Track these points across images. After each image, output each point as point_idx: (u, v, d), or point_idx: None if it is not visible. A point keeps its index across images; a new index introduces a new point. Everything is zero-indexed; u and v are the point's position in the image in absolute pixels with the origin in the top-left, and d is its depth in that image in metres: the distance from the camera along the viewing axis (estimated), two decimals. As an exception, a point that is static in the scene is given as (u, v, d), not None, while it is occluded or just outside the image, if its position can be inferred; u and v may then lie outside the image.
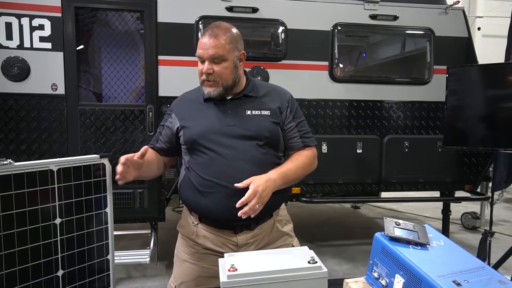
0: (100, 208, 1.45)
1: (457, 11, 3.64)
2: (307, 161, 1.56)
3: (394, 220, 1.15)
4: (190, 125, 1.50)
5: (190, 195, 1.51)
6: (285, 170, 1.48)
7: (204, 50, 1.45)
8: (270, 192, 1.38)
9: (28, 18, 2.94)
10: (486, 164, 3.69)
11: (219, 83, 1.47)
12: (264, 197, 1.35)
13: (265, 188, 1.35)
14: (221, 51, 1.44)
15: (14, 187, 1.20)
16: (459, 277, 0.96)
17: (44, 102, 3.01)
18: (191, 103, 1.57)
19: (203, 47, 1.45)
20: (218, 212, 1.44)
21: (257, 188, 1.33)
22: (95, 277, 1.42)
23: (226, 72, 1.47)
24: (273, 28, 3.44)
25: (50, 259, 1.29)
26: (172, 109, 1.60)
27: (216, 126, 1.47)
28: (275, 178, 1.41)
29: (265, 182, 1.37)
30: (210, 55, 1.44)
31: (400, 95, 3.58)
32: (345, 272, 3.54)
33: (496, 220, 4.93)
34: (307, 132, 1.61)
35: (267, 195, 1.36)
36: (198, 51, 1.47)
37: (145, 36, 3.17)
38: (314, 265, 1.12)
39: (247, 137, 1.46)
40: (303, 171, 1.55)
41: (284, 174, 1.46)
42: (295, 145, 1.58)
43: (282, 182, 1.44)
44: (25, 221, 1.23)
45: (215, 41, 1.44)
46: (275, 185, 1.41)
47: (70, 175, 1.34)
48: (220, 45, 1.44)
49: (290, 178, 1.49)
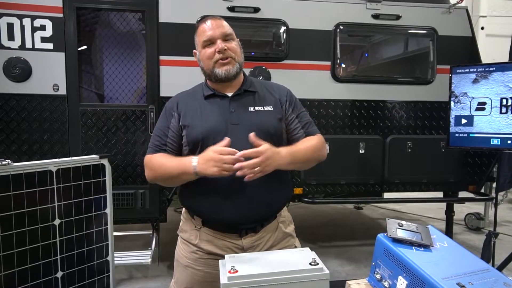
0: (99, 209, 1.44)
1: (460, 10, 3.61)
2: (316, 145, 1.50)
3: (397, 221, 1.13)
4: (193, 125, 1.45)
5: (192, 199, 1.47)
6: (294, 149, 1.43)
7: (213, 30, 1.45)
8: (274, 164, 1.32)
9: (29, 18, 2.94)
10: (490, 164, 3.66)
11: (234, 60, 1.46)
12: (267, 165, 1.29)
13: (272, 155, 1.30)
14: (229, 30, 1.48)
15: (12, 187, 1.19)
16: (463, 279, 0.95)
17: (45, 103, 3.01)
18: (192, 101, 1.52)
19: (210, 28, 1.45)
20: (223, 216, 1.41)
21: (265, 150, 1.28)
22: (95, 278, 1.41)
23: (238, 50, 1.49)
24: (275, 28, 3.43)
25: (49, 261, 1.28)
26: (172, 109, 1.52)
27: (220, 125, 1.43)
28: (283, 153, 1.36)
29: (274, 152, 1.32)
30: (221, 33, 1.45)
31: (403, 95, 3.56)
32: (347, 273, 3.52)
33: (500, 221, 4.90)
34: (309, 123, 1.58)
35: (270, 164, 1.30)
36: (205, 34, 1.46)
37: (147, 36, 3.17)
38: (316, 266, 1.10)
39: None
40: (313, 154, 1.49)
41: (293, 152, 1.41)
42: (299, 136, 1.54)
43: (290, 160, 1.39)
44: (24, 222, 1.22)
45: (220, 22, 1.48)
46: (282, 161, 1.35)
47: (69, 176, 1.33)
48: (226, 26, 1.49)
49: (298, 158, 1.43)
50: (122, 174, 3.15)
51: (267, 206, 1.46)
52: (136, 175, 3.17)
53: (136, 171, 3.16)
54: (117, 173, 3.09)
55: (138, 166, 3.15)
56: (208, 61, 1.47)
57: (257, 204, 1.41)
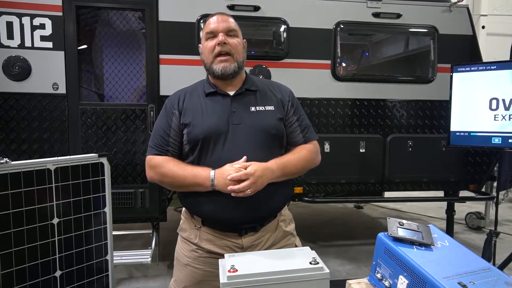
0: (98, 208, 1.43)
1: (461, 9, 3.60)
2: (309, 155, 1.52)
3: (397, 220, 1.12)
4: (194, 123, 1.44)
5: (192, 198, 1.46)
6: (285, 162, 1.44)
7: (217, 24, 1.46)
8: (265, 181, 1.34)
9: (29, 17, 2.94)
10: (491, 163, 3.65)
11: (233, 57, 1.46)
12: (259, 184, 1.32)
13: (261, 175, 1.32)
14: (234, 26, 1.49)
15: (10, 186, 1.18)
16: (464, 279, 0.94)
17: (45, 102, 3.00)
18: (193, 98, 1.50)
19: (215, 22, 1.47)
20: (222, 214, 1.41)
21: (254, 172, 1.30)
22: (94, 277, 1.41)
23: (239, 48, 1.49)
24: (275, 27, 3.42)
25: (47, 260, 1.27)
26: (173, 107, 1.50)
27: (222, 125, 1.42)
28: (273, 168, 1.38)
29: (263, 170, 1.33)
30: (225, 27, 1.46)
31: (404, 93, 3.55)
32: (348, 272, 3.51)
33: (501, 220, 4.90)
34: (308, 127, 1.58)
35: (262, 183, 1.33)
36: (209, 26, 1.47)
37: (146, 35, 3.16)
38: (316, 265, 1.09)
39: (252, 136, 1.43)
40: (304, 165, 1.50)
41: (284, 166, 1.42)
42: (297, 140, 1.54)
43: (281, 174, 1.41)
44: (22, 221, 1.21)
45: (227, 17, 1.49)
46: (273, 175, 1.37)
47: (68, 175, 1.32)
48: (232, 22, 1.49)
49: (289, 170, 1.45)
50: (122, 173, 3.14)
51: (267, 206, 1.45)
52: (136, 174, 3.16)
53: (136, 170, 3.16)
54: (117, 172, 3.09)
55: (138, 165, 3.15)
56: (208, 54, 1.47)
57: (257, 204, 1.40)
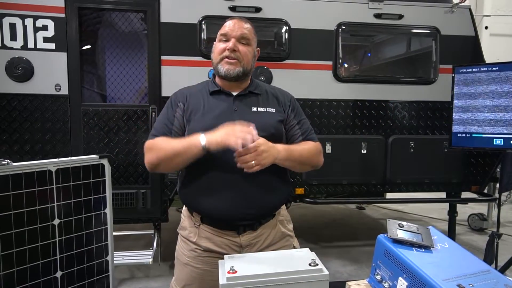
0: (99, 209, 1.43)
1: (463, 10, 3.59)
2: (313, 149, 1.53)
3: (397, 222, 1.12)
4: (195, 120, 1.46)
5: (192, 194, 1.48)
6: (291, 147, 1.46)
7: (232, 29, 1.48)
8: (270, 158, 1.34)
9: (32, 18, 2.95)
10: (494, 165, 3.64)
11: (240, 63, 1.48)
12: (263, 159, 1.31)
13: (267, 149, 1.32)
14: (248, 34, 1.50)
15: (12, 187, 1.19)
16: (464, 281, 0.94)
17: (47, 103, 3.02)
18: (197, 96, 1.53)
19: (231, 27, 1.48)
20: (221, 212, 1.42)
21: (259, 146, 1.30)
22: (94, 278, 1.41)
23: (249, 56, 1.51)
24: (277, 28, 3.42)
25: (48, 260, 1.28)
26: (179, 100, 1.52)
27: (221, 122, 1.41)
28: (280, 149, 1.39)
29: (269, 147, 1.34)
30: (239, 34, 1.48)
31: (405, 94, 3.54)
32: (349, 273, 3.51)
33: (504, 222, 4.88)
34: (309, 130, 1.60)
35: (265, 158, 1.32)
36: (225, 29, 1.49)
37: (148, 36, 3.17)
38: (315, 267, 1.09)
39: None
40: (308, 156, 1.51)
41: (290, 150, 1.44)
42: (298, 142, 1.55)
43: (286, 156, 1.41)
44: (23, 222, 1.22)
45: (244, 24, 1.51)
46: (278, 155, 1.37)
47: (68, 176, 1.33)
48: (248, 29, 1.51)
49: (294, 156, 1.45)
50: (124, 174, 3.15)
51: (265, 204, 1.46)
52: (137, 175, 3.17)
53: (137, 171, 3.17)
54: (119, 173, 3.10)
55: (140, 166, 3.16)
56: (217, 55, 1.50)
57: (256, 201, 1.42)
